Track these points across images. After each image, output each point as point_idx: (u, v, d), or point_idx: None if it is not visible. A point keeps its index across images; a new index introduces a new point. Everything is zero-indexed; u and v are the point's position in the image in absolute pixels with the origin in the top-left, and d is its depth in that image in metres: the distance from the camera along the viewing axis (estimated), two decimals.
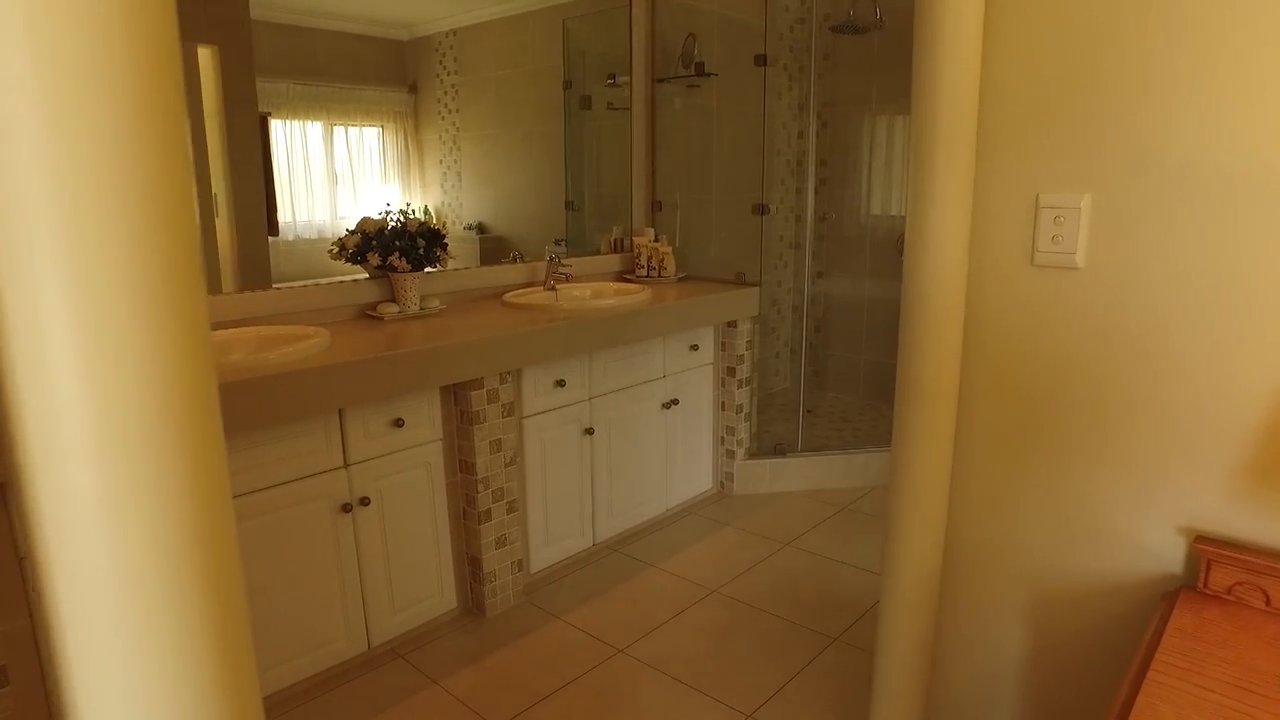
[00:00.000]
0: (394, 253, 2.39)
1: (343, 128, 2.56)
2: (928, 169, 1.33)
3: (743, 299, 3.06)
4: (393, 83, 2.70)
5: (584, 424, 2.62)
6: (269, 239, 2.48)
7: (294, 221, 2.51)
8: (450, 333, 2.21)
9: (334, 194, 2.55)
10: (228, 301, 2.18)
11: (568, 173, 3.28)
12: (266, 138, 2.41)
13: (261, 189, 2.46)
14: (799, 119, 4.14)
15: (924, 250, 1.36)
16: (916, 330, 1.38)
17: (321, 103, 2.52)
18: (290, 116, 2.45)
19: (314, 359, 1.89)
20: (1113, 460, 1.31)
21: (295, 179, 2.44)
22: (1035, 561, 1.42)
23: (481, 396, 2.23)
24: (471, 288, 2.78)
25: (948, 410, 1.40)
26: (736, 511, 3.11)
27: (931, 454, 1.40)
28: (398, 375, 1.99)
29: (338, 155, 2.52)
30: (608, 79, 3.37)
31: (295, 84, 2.47)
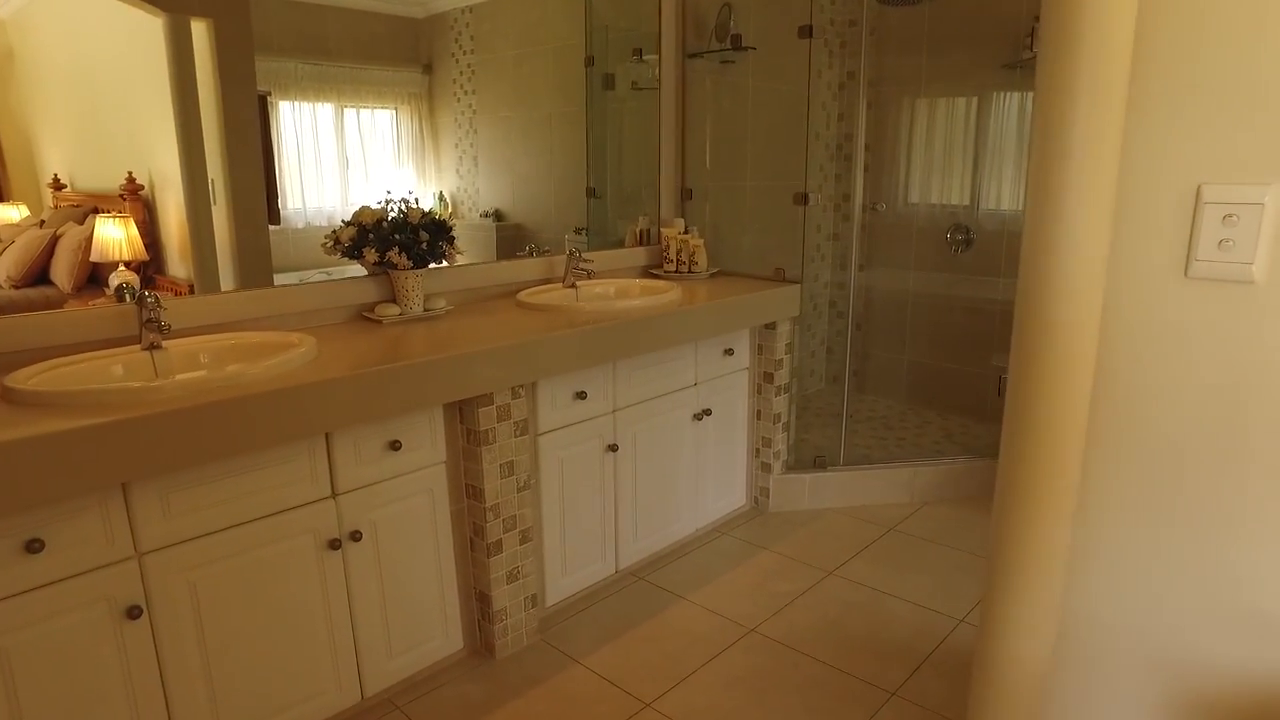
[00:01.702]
0: (393, 247, 2.12)
1: (354, 110, 2.34)
2: (1058, 148, 1.03)
3: (782, 298, 2.76)
4: (406, 63, 2.51)
5: (607, 440, 2.34)
6: (270, 228, 2.24)
7: (304, 208, 2.29)
8: (456, 340, 1.94)
9: (345, 179, 2.33)
10: (202, 305, 1.92)
11: (589, 158, 2.99)
12: (266, 119, 2.17)
13: (261, 174, 2.23)
14: (839, 99, 3.82)
15: (1047, 258, 1.06)
16: (1033, 360, 1.09)
17: (332, 83, 2.31)
18: (299, 98, 2.23)
19: (296, 375, 1.62)
20: None
21: (305, 163, 2.23)
22: (1177, 653, 1.12)
23: (491, 414, 1.96)
24: (482, 285, 2.50)
25: (1070, 463, 1.10)
26: (773, 532, 2.83)
27: (1047, 517, 1.11)
28: (394, 392, 1.72)
29: (349, 138, 2.32)
30: (633, 54, 3.07)
31: (304, 63, 2.27)
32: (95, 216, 1.97)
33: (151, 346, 1.74)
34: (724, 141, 3.20)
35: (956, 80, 3.49)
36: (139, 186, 1.98)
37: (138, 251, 1.99)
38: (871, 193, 3.85)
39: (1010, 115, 3.42)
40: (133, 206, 1.98)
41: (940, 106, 3.61)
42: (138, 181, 1.98)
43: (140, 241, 1.99)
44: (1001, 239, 3.50)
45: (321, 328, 2.10)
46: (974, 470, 3.09)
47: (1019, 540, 1.12)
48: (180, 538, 1.52)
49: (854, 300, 4.06)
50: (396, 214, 2.20)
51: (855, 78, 3.76)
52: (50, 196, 1.96)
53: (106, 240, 1.98)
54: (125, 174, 1.97)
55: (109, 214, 1.97)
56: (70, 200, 1.97)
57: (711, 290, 2.70)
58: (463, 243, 2.69)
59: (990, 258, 3.55)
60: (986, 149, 3.50)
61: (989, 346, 3.63)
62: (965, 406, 3.76)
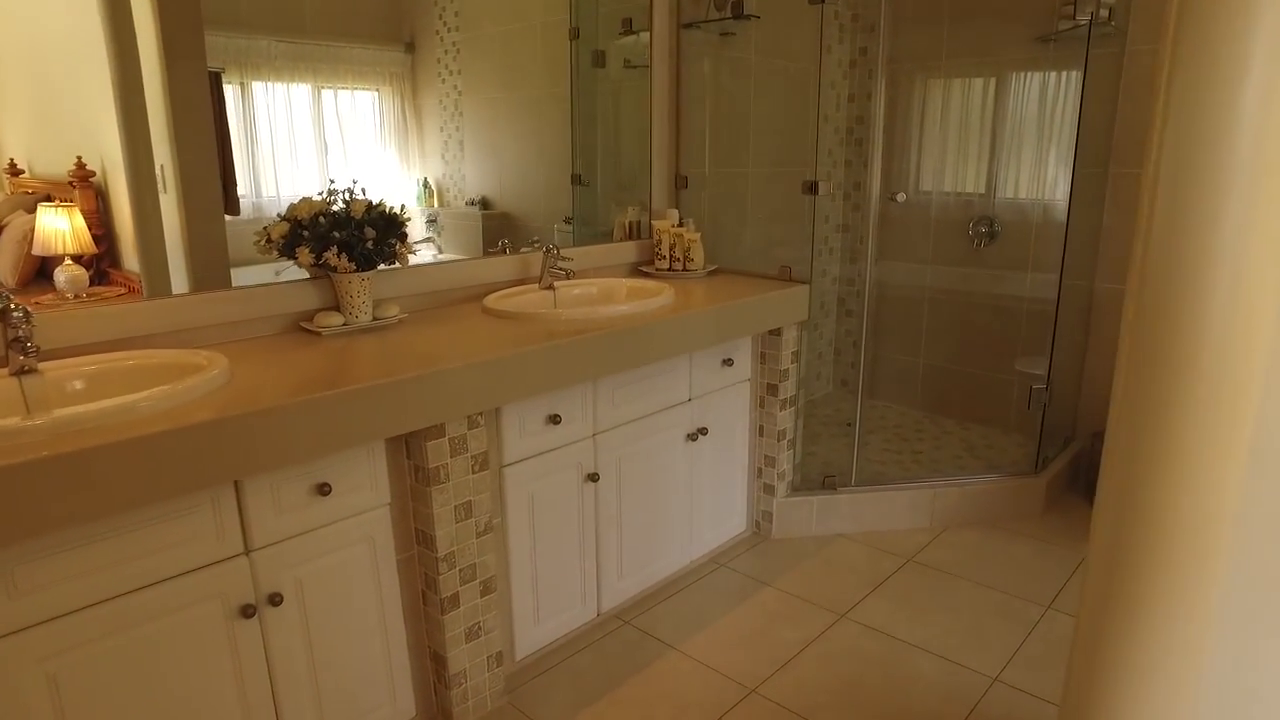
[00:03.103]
0: (331, 247, 1.79)
1: (332, 91, 2.09)
2: (1216, 119, 0.71)
3: (789, 301, 2.44)
4: (388, 40, 2.26)
5: (586, 468, 2.03)
6: (228, 219, 1.94)
7: (277, 196, 2.01)
8: (404, 358, 1.62)
9: (324, 164, 2.08)
10: (98, 318, 1.60)
11: (575, 142, 2.68)
12: (220, 100, 1.88)
13: (215, 160, 1.93)
14: (850, 78, 3.48)
15: (1195, 276, 0.74)
16: (1168, 423, 0.77)
17: (308, 62, 2.05)
18: (272, 78, 1.98)
19: (194, 408, 1.30)
20: None
21: (279, 148, 1.97)
22: None
23: (442, 448, 1.64)
24: (446, 288, 2.18)
25: (1213, 559, 0.79)
26: (776, 563, 2.52)
27: (1177, 629, 0.79)
28: (320, 427, 1.41)
29: (327, 121, 2.08)
30: (622, 27, 2.74)
31: (277, 40, 1.99)
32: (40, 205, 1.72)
33: (22, 371, 1.42)
34: (723, 123, 2.87)
35: (982, 56, 3.15)
36: (90, 173, 1.73)
37: (85, 244, 1.74)
38: (885, 180, 3.51)
39: (1045, 94, 3.08)
40: (83, 194, 1.73)
41: (961, 86, 3.27)
42: (88, 167, 1.73)
43: (88, 233, 1.74)
44: (1029, 230, 3.17)
45: (249, 342, 1.78)
46: (1000, 491, 2.78)
47: (1132, 658, 0.80)
48: (30, 621, 1.21)
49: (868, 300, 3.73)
50: (339, 207, 1.87)
51: (868, 54, 3.42)
52: (7, 183, 1.70)
53: (49, 232, 1.72)
54: (75, 158, 1.72)
55: (52, 203, 1.72)
56: (26, 187, 1.71)
57: (709, 292, 2.37)
58: (449, 233, 2.39)
59: (1016, 251, 3.23)
60: (1015, 132, 3.16)
61: (1013, 349, 3.31)
62: (987, 415, 3.45)
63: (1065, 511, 2.89)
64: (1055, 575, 2.45)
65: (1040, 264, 3.16)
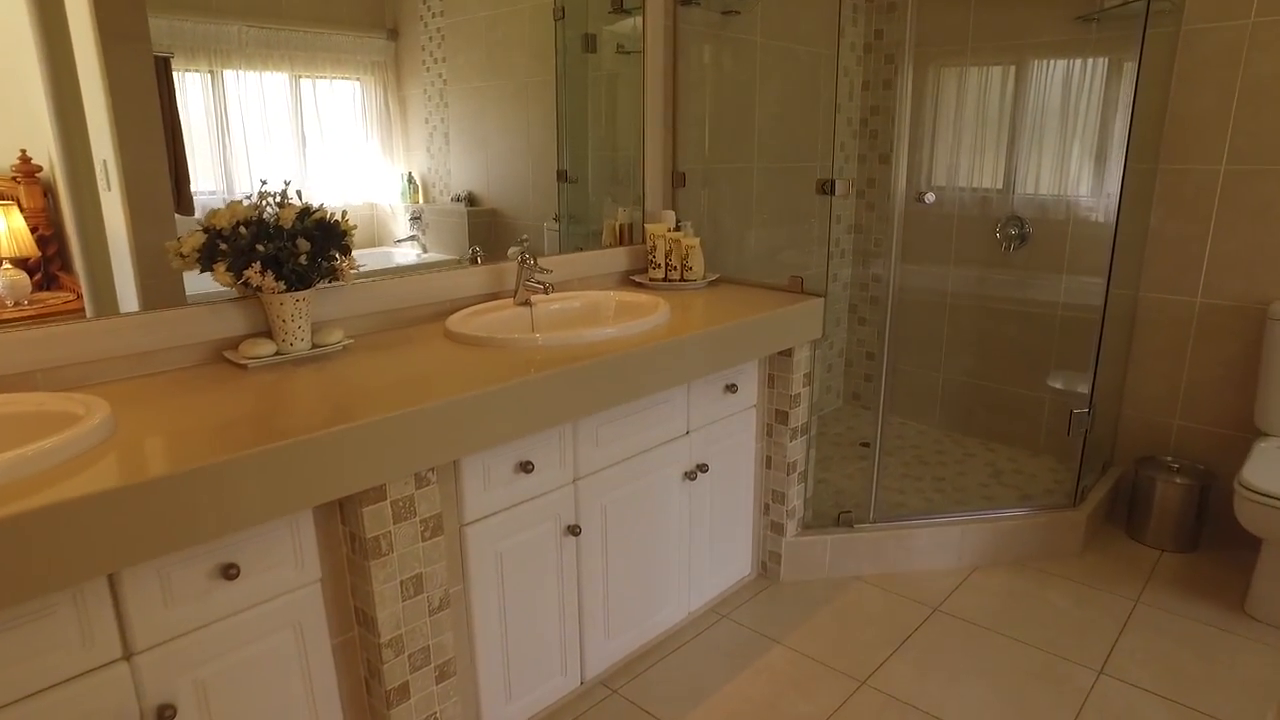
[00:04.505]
0: (253, 263, 1.49)
1: (311, 80, 1.89)
2: None
3: (802, 317, 2.14)
4: (370, 27, 2.05)
5: (565, 520, 1.73)
6: (178, 219, 1.68)
7: (252, 193, 1.79)
8: (342, 399, 1.32)
9: (303, 158, 1.85)
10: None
11: (561, 135, 2.39)
12: (169, 88, 1.63)
13: (165, 154, 1.67)
14: (865, 64, 3.16)
15: None
16: None
17: (284, 50, 1.84)
18: (244, 66, 1.77)
19: (52, 479, 1.00)
20: None
21: (254, 140, 1.74)
22: None
23: (382, 514, 1.34)
24: (404, 306, 1.88)
25: None
26: (786, 612, 2.23)
27: None
28: (222, 500, 1.11)
29: (306, 113, 1.87)
30: (613, 6, 2.43)
31: (250, 26, 1.77)
32: None
33: None
34: (725, 114, 2.56)
35: (1013, 39, 2.84)
36: (36, 168, 1.49)
37: (25, 246, 1.50)
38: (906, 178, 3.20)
39: (1084, 82, 2.76)
40: (29, 191, 1.49)
41: (989, 73, 2.95)
42: (34, 162, 1.49)
43: (29, 234, 1.50)
44: (1063, 232, 2.87)
45: (158, 378, 1.48)
46: (1034, 526, 2.48)
47: None
48: None
49: (874, 304, 3.43)
50: (269, 213, 1.57)
51: (884, 37, 3.10)
52: None
53: None
54: (19, 151, 1.48)
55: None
56: None
57: (710, 307, 2.07)
58: (434, 231, 2.15)
59: (1049, 255, 2.92)
60: (1049, 124, 2.85)
61: (1044, 363, 3.01)
62: (1014, 435, 3.15)
63: (1105, 548, 2.60)
64: (1103, 630, 2.16)
65: (1076, 270, 2.86)
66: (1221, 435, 2.63)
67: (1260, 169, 2.42)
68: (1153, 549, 2.61)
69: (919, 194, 2.83)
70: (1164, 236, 2.62)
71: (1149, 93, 2.35)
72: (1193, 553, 2.59)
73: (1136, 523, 2.65)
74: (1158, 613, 2.25)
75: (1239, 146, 2.44)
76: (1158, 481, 2.58)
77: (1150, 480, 2.60)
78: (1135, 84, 2.22)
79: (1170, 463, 2.68)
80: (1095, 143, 2.76)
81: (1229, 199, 2.48)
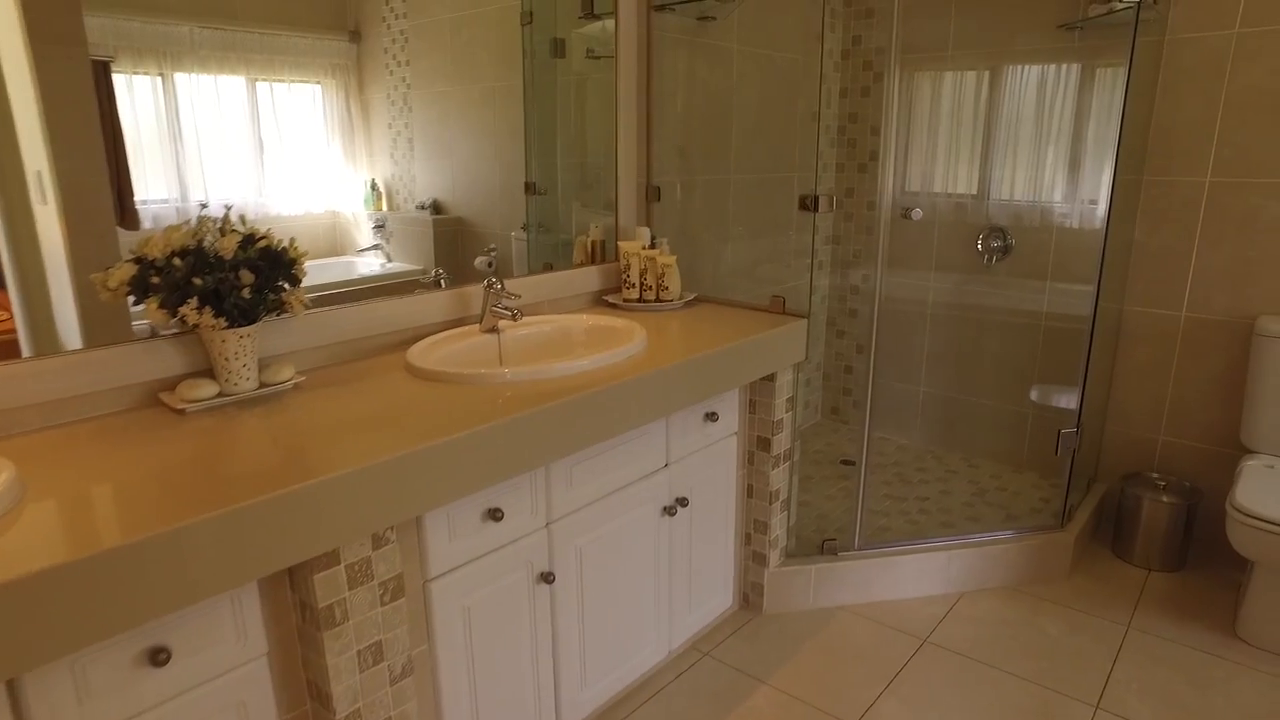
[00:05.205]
0: (190, 298, 1.35)
1: (269, 84, 1.78)
2: None
3: (785, 340, 2.04)
4: (330, 29, 1.94)
5: (538, 567, 1.61)
6: (121, 233, 1.54)
7: (207, 201, 1.66)
8: (291, 451, 1.18)
9: (261, 165, 1.74)
10: None
11: (529, 145, 2.27)
12: (110, 93, 1.51)
13: (105, 164, 1.53)
14: (843, 70, 3.08)
15: None
16: None
17: (240, 52, 1.74)
18: (197, 69, 1.65)
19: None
20: None
21: (209, 147, 1.63)
22: None
23: (336, 580, 1.21)
24: (361, 336, 1.74)
25: None
26: (770, 648, 2.13)
27: None
28: (149, 582, 0.97)
29: (264, 118, 1.76)
30: (583, 10, 2.31)
31: (203, 27, 1.66)
32: None
33: None
34: (701, 124, 2.46)
35: (994, 46, 2.77)
36: None
37: None
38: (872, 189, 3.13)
39: (1067, 90, 2.70)
40: None
41: (970, 80, 2.88)
42: None
43: None
44: (1049, 239, 2.80)
45: (79, 425, 1.33)
46: (1022, 550, 2.41)
47: None
48: None
49: (853, 317, 3.35)
50: (210, 241, 1.43)
51: (862, 43, 3.02)
52: None
53: None
54: None
55: None
56: None
57: (688, 331, 1.96)
58: (398, 240, 2.03)
59: (1032, 268, 2.86)
60: (1031, 133, 2.78)
61: (1026, 377, 2.95)
62: (995, 450, 3.09)
63: (1093, 569, 2.54)
64: (1096, 659, 2.09)
65: (1060, 283, 2.80)
66: (1207, 451, 2.59)
67: (1246, 181, 2.37)
68: (1140, 568, 2.55)
69: (905, 210, 2.74)
70: (1149, 249, 2.57)
71: (1134, 103, 2.29)
72: (1180, 571, 2.54)
73: (1123, 541, 2.60)
74: (1150, 638, 2.19)
75: (1224, 158, 2.39)
76: (1145, 500, 2.53)
77: (1137, 499, 2.54)
78: (1125, 93, 2.15)
79: (1156, 480, 2.63)
80: (1079, 152, 2.70)
81: (1214, 212, 2.44)
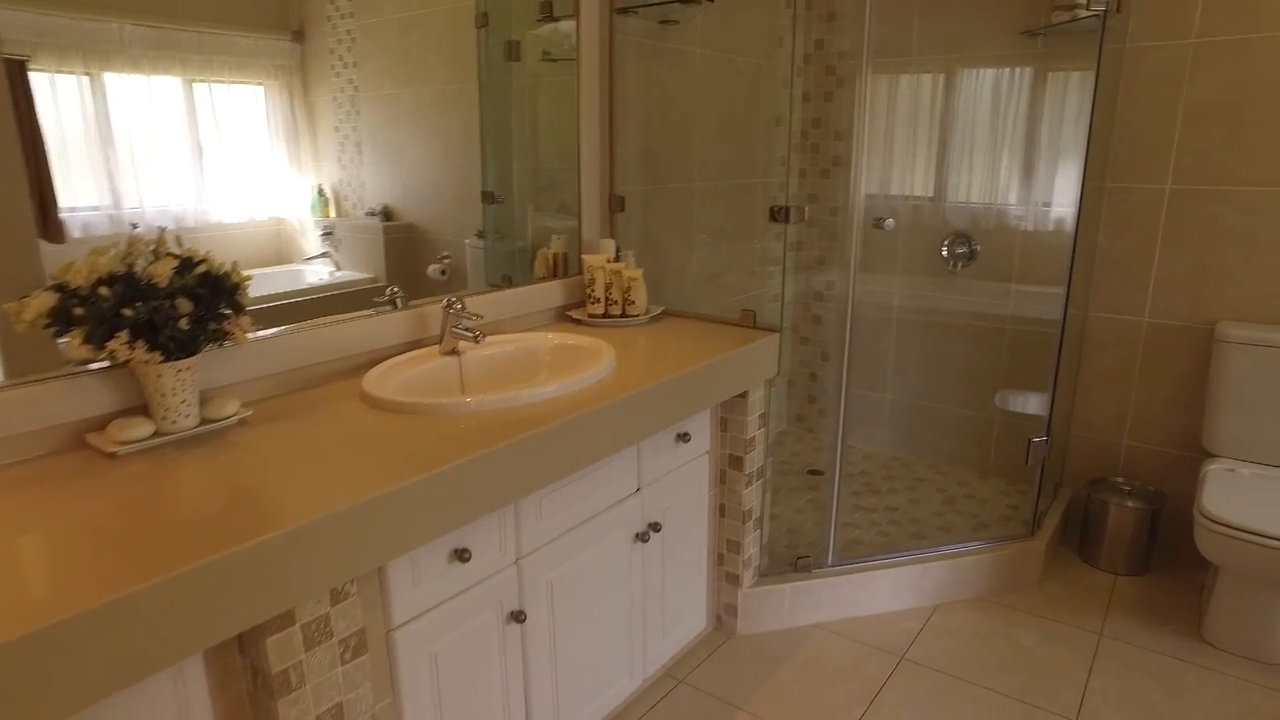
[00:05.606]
0: (120, 331, 1.22)
1: (207, 85, 1.67)
2: None
3: (757, 356, 1.98)
4: (272, 27, 1.83)
5: (508, 605, 1.52)
6: (44, 247, 1.41)
7: (141, 208, 1.55)
8: (236, 498, 1.08)
9: (200, 169, 1.64)
10: None
11: (485, 152, 2.18)
12: (27, 94, 1.39)
13: (23, 172, 1.40)
14: (805, 74, 3.04)
15: None
16: None
17: (176, 51, 1.62)
18: (129, 69, 1.53)
19: None
20: None
21: (143, 151, 1.52)
22: None
23: (291, 642, 1.11)
24: (313, 362, 1.63)
25: None
26: (745, 672, 2.07)
27: None
28: (69, 669, 0.86)
29: (203, 120, 1.65)
30: (540, 13, 2.22)
31: (134, 24, 1.55)
32: None
33: None
34: (665, 131, 2.39)
35: (958, 51, 2.75)
36: None
37: None
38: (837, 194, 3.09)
39: (1032, 96, 2.70)
40: None
41: (933, 85, 2.86)
42: None
43: None
44: (1014, 244, 2.80)
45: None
46: (994, 560, 2.39)
47: None
48: None
49: (818, 324, 3.32)
50: (142, 266, 1.31)
51: (825, 47, 2.98)
52: None
53: None
54: None
55: None
56: None
57: (657, 348, 1.89)
58: (347, 248, 1.92)
59: (997, 275, 2.85)
60: (992, 137, 2.77)
61: (991, 382, 2.95)
62: (962, 456, 3.08)
63: (1062, 575, 2.54)
64: (1072, 669, 2.08)
65: (1025, 290, 2.80)
66: (1170, 455, 2.61)
67: (1204, 189, 2.39)
68: (1107, 573, 2.56)
69: (878, 220, 2.71)
70: (1112, 255, 2.57)
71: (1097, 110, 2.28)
72: (1145, 575, 2.56)
73: (1090, 547, 2.61)
74: (1122, 646, 2.19)
75: (1183, 166, 2.40)
76: (1111, 505, 2.53)
77: (1104, 504, 2.55)
78: (1094, 100, 2.14)
79: (1122, 485, 2.64)
80: (1046, 158, 2.70)
81: (1175, 219, 2.45)
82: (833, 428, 2.23)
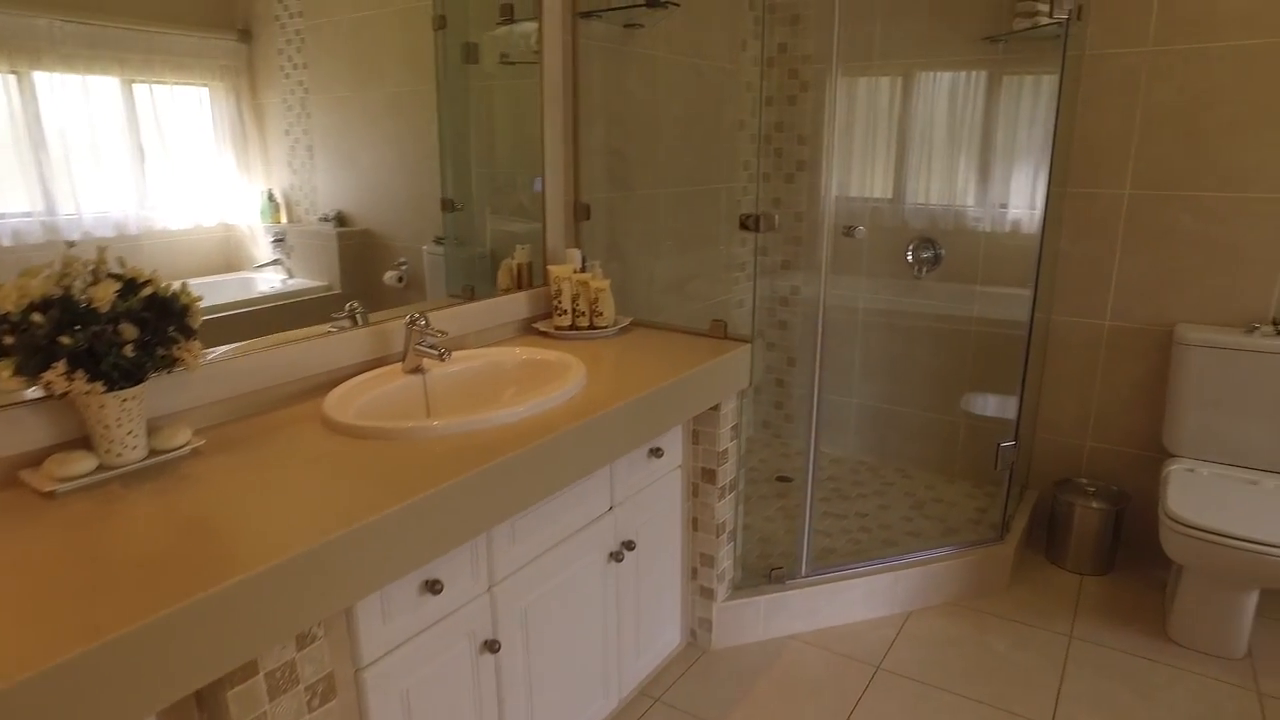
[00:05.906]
0: (57, 361, 1.14)
1: (147, 86, 1.58)
2: None
3: (729, 368, 1.94)
4: (216, 26, 1.75)
5: (481, 635, 1.46)
6: None
7: (79, 214, 1.47)
8: (187, 540, 1.00)
9: (142, 174, 1.54)
10: None
11: (445, 158, 2.11)
12: None
13: None
14: (768, 78, 3.02)
15: None
16: None
17: (112, 50, 1.54)
18: (61, 68, 1.45)
19: None
20: None
21: (76, 153, 1.43)
22: None
23: (254, 694, 1.04)
24: (270, 384, 1.55)
25: None
26: (721, 689, 2.04)
27: None
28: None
29: (143, 123, 1.57)
30: (501, 15, 2.16)
31: (66, 21, 1.47)
32: None
33: None
34: (630, 136, 2.34)
35: (920, 56, 2.76)
36: None
37: None
38: (801, 199, 3.08)
39: (993, 101, 2.71)
40: None
41: (890, 86, 2.86)
42: None
43: None
44: (977, 247, 2.82)
45: None
46: (964, 565, 2.40)
47: None
48: None
49: (785, 329, 3.31)
50: (79, 288, 1.22)
51: (788, 50, 2.96)
52: None
53: None
54: None
55: None
56: None
57: (628, 362, 1.84)
58: (300, 254, 1.84)
59: (961, 279, 2.87)
60: (956, 141, 2.79)
61: (956, 385, 2.96)
62: (927, 459, 3.10)
63: (1030, 577, 2.56)
64: (1044, 674, 2.09)
65: (990, 294, 2.82)
66: (1132, 455, 2.65)
67: (1162, 194, 2.42)
68: (1073, 574, 2.59)
69: (849, 228, 2.70)
70: (1073, 258, 2.60)
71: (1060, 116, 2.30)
72: (1109, 574, 2.59)
73: (1056, 548, 2.63)
74: (1092, 648, 2.21)
75: (1141, 171, 2.44)
76: (1076, 507, 2.56)
77: (1069, 506, 2.58)
78: (1058, 106, 2.15)
79: (1086, 486, 2.68)
80: (1010, 162, 2.72)
81: (1134, 223, 2.48)
82: (802, 434, 2.22)
